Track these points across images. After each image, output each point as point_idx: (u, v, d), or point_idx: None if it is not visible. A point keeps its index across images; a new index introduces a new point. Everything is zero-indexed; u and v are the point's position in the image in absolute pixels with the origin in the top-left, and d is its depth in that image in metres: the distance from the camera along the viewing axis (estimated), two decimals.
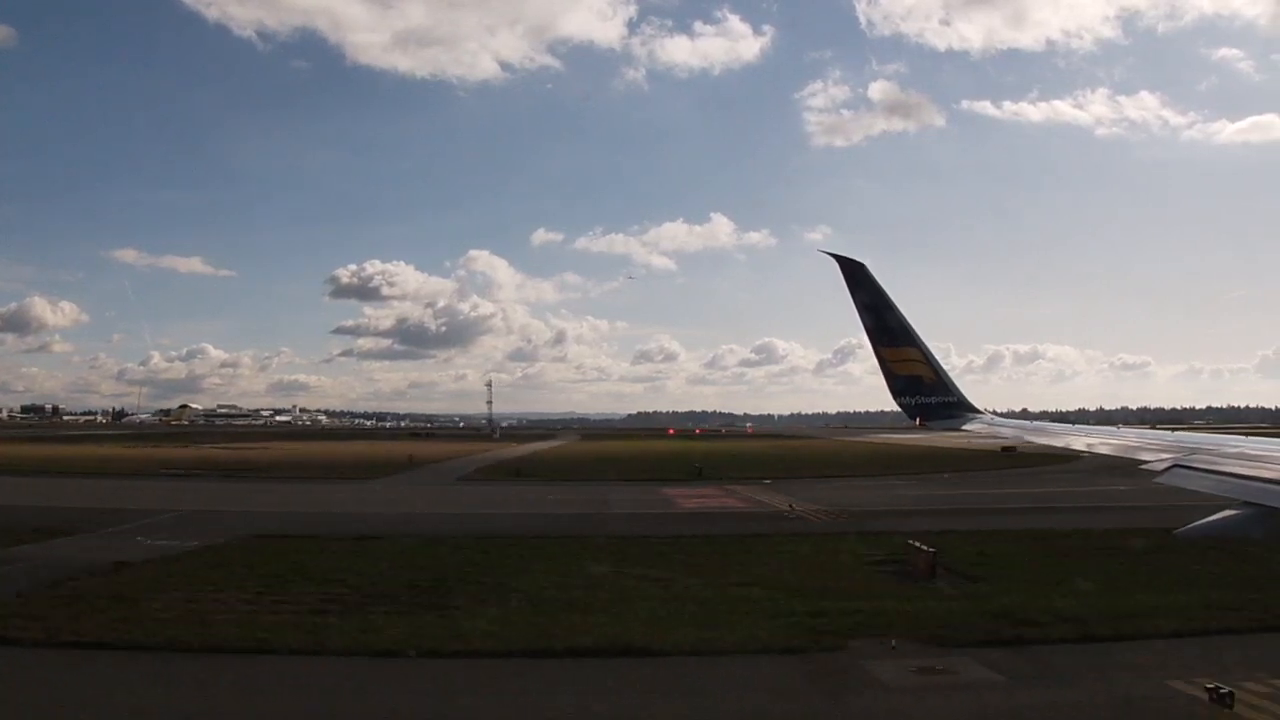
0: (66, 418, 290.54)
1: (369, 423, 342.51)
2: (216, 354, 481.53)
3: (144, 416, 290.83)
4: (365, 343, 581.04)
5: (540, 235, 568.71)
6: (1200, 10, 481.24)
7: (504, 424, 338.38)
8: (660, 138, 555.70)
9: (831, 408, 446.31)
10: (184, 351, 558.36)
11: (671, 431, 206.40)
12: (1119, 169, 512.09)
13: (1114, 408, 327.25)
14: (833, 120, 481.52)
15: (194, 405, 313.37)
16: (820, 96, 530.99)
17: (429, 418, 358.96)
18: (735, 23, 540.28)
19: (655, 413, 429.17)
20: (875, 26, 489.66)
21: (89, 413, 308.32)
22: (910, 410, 16.46)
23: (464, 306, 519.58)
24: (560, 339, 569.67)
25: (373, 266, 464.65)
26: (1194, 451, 10.93)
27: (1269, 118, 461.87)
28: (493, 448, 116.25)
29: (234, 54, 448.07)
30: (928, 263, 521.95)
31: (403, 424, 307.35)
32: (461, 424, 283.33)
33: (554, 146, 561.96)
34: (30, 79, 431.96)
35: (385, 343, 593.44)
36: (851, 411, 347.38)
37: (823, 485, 57.10)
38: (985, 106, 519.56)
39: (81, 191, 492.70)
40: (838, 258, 15.84)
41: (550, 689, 15.27)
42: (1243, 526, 8.33)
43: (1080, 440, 14.55)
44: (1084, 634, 17.97)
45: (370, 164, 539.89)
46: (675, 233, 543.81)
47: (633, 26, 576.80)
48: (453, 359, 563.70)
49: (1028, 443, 16.85)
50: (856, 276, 15.62)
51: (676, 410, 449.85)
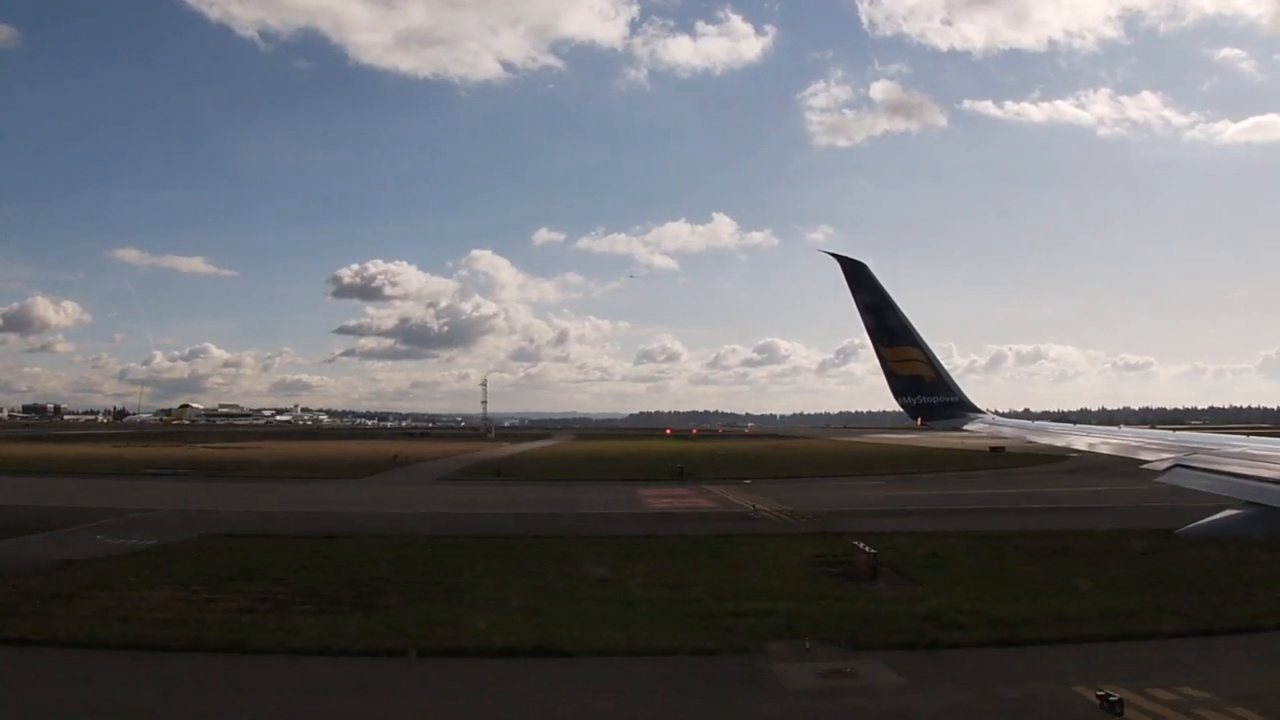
0: (67, 417, 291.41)
1: (370, 422, 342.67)
2: (219, 354, 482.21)
3: (145, 416, 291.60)
4: (368, 342, 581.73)
5: (542, 235, 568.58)
6: (1202, 10, 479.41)
7: (505, 424, 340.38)
8: (662, 138, 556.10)
9: (834, 408, 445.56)
10: (186, 351, 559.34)
11: (668, 431, 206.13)
12: (1121, 169, 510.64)
13: (1116, 408, 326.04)
14: (835, 120, 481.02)
15: (195, 405, 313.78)
16: (822, 96, 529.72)
17: (431, 417, 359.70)
18: (737, 23, 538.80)
19: (657, 413, 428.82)
20: (877, 26, 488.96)
21: (90, 412, 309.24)
22: (912, 410, 16.55)
23: (466, 306, 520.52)
24: (562, 339, 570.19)
25: (375, 266, 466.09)
26: (1195, 451, 10.94)
27: (1271, 118, 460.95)
28: (484, 447, 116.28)
29: (236, 54, 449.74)
30: (930, 263, 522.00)
31: (403, 424, 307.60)
32: (463, 424, 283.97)
33: (556, 146, 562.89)
34: (32, 79, 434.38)
35: (388, 342, 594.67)
36: (854, 411, 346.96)
37: (801, 485, 57.00)
38: (987, 106, 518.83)
39: (83, 191, 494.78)
40: (839, 258, 15.91)
41: (444, 689, 15.23)
42: (1244, 526, 8.37)
43: (1082, 440, 14.54)
44: (1007, 637, 17.78)
45: (372, 164, 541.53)
46: (677, 232, 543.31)
47: (634, 26, 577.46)
48: (455, 359, 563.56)
49: (1029, 443, 16.83)
50: (858, 277, 15.71)
51: (679, 410, 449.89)
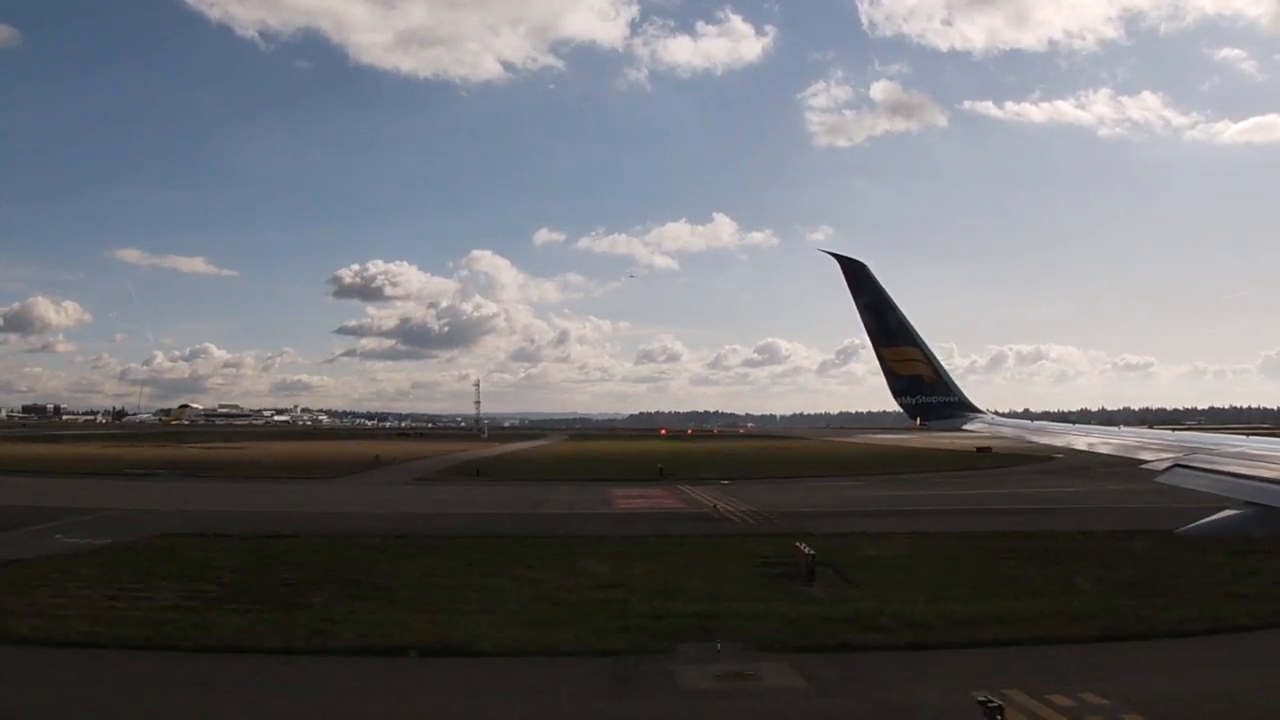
0: (67, 418, 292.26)
1: (369, 423, 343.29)
2: (219, 354, 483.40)
3: (144, 416, 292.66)
4: (368, 343, 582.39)
5: (543, 235, 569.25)
6: (1202, 11, 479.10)
7: (506, 424, 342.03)
8: (662, 138, 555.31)
9: (834, 408, 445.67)
10: (187, 351, 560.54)
11: (664, 432, 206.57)
12: (1121, 169, 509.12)
13: (1116, 408, 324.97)
14: (835, 120, 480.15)
15: (195, 405, 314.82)
16: (822, 97, 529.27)
17: (431, 418, 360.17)
18: (737, 23, 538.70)
19: (658, 413, 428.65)
20: (877, 27, 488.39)
21: (90, 413, 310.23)
22: (911, 410, 16.44)
23: (467, 307, 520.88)
24: (563, 339, 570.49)
25: (375, 266, 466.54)
26: (1195, 451, 10.85)
27: (1271, 118, 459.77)
28: (474, 448, 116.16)
29: (237, 54, 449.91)
30: (930, 263, 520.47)
31: (402, 424, 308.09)
32: (463, 424, 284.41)
33: (556, 147, 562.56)
34: (32, 79, 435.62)
35: (388, 343, 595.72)
36: (854, 412, 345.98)
37: (779, 486, 56.87)
38: (988, 107, 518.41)
39: (84, 191, 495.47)
40: (839, 257, 15.81)
41: (333, 686, 15.22)
42: (1243, 526, 8.30)
43: (1081, 440, 14.46)
44: (927, 640, 17.52)
45: (373, 164, 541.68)
46: (678, 233, 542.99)
47: (635, 27, 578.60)
48: (456, 359, 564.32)
49: (1030, 443, 16.71)
50: (857, 276, 15.62)
51: (679, 410, 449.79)
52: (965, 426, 16.26)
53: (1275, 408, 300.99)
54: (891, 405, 16.84)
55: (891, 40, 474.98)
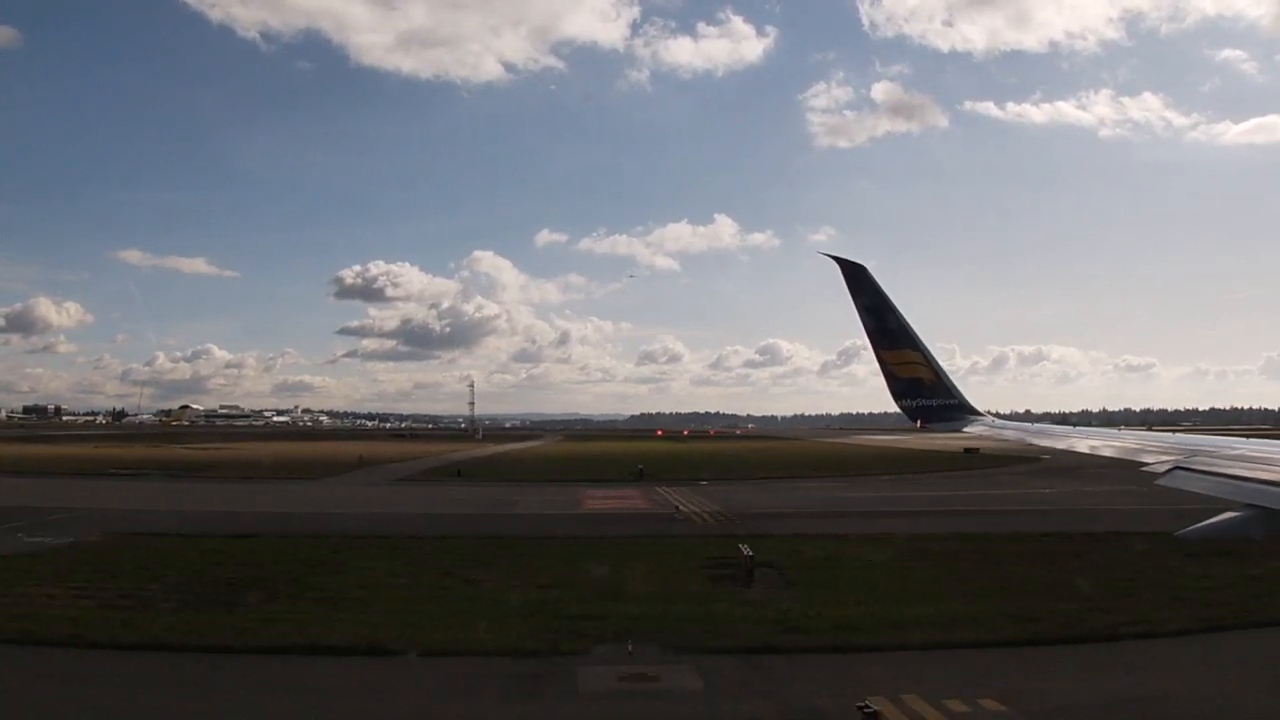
0: (67, 418, 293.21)
1: (370, 424, 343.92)
2: (221, 355, 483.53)
3: (145, 417, 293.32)
4: (370, 344, 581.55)
5: (544, 236, 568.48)
6: (1203, 11, 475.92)
7: (508, 425, 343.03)
8: (663, 139, 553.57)
9: (835, 409, 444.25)
10: (189, 352, 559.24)
11: (660, 433, 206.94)
12: (1123, 170, 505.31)
13: (1118, 409, 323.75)
14: (836, 121, 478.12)
15: (195, 406, 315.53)
16: (823, 97, 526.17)
17: (433, 418, 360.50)
18: (738, 24, 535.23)
19: (659, 414, 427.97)
20: (878, 28, 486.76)
21: (91, 413, 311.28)
22: (911, 412, 16.49)
23: (468, 307, 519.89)
24: (564, 340, 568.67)
25: (377, 267, 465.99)
26: (1195, 454, 10.88)
27: (1272, 119, 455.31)
28: (466, 448, 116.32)
29: (238, 55, 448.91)
30: (932, 264, 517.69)
31: (402, 425, 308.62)
32: (463, 425, 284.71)
33: (558, 148, 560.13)
34: (33, 79, 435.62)
35: (390, 344, 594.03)
36: (855, 413, 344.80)
37: (755, 486, 56.96)
38: (989, 108, 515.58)
39: (85, 192, 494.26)
40: (839, 260, 15.83)
41: (237, 685, 15.31)
42: (1243, 528, 8.34)
43: (1083, 443, 14.48)
44: (848, 643, 17.45)
45: (374, 165, 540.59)
46: (679, 234, 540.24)
47: (636, 28, 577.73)
48: (457, 360, 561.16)
49: (1030, 445, 16.81)
50: (857, 279, 15.67)
51: (681, 411, 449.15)
52: (966, 429, 16.33)
53: (1277, 409, 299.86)
54: (894, 407, 16.94)
55: (892, 41, 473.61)
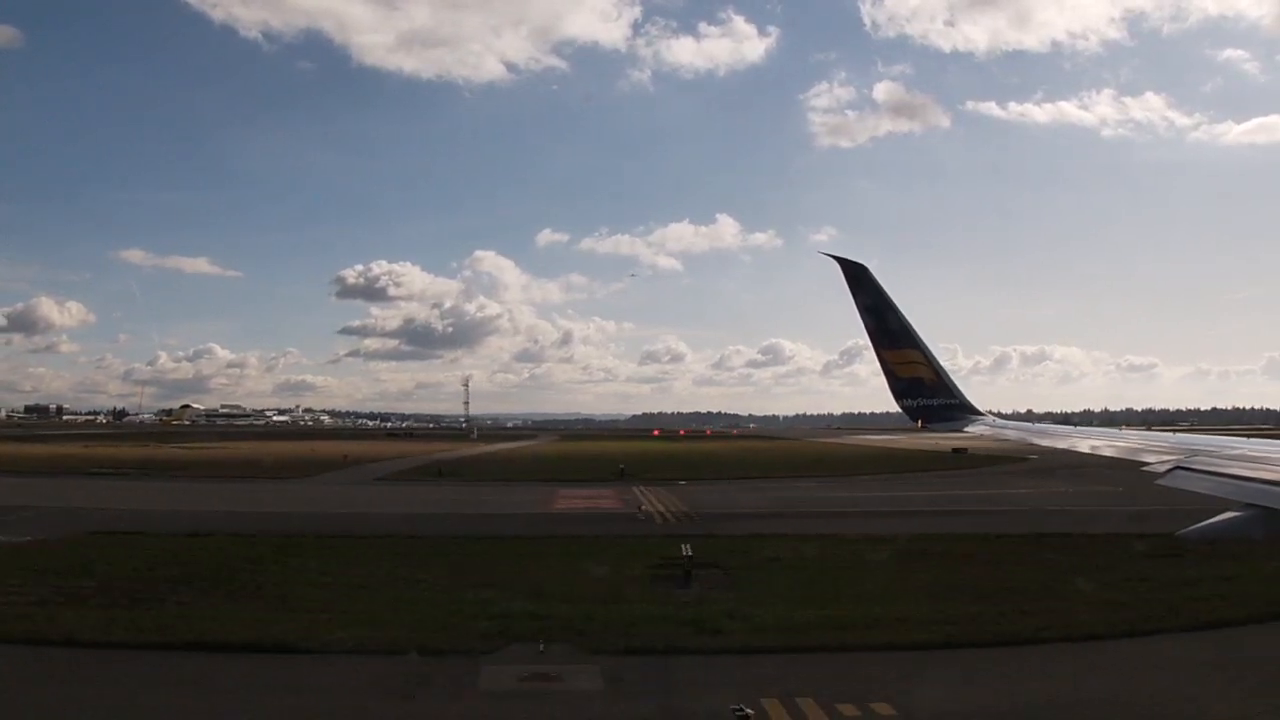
0: (68, 418, 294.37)
1: (371, 423, 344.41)
2: (223, 354, 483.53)
3: (146, 416, 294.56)
4: (372, 343, 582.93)
5: (546, 236, 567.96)
6: (1205, 11, 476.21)
7: (509, 424, 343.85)
8: (665, 139, 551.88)
9: (838, 409, 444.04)
10: (191, 352, 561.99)
11: (656, 433, 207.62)
12: (1125, 170, 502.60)
13: (1120, 409, 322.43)
14: (837, 121, 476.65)
15: (196, 405, 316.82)
16: (825, 97, 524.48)
17: (434, 418, 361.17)
18: (740, 24, 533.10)
19: (661, 414, 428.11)
20: (880, 28, 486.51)
21: (92, 413, 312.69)
22: (912, 412, 16.45)
23: (470, 307, 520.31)
24: (567, 340, 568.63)
25: (379, 267, 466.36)
26: (1196, 453, 10.86)
27: (1274, 119, 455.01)
28: (458, 448, 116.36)
29: (240, 55, 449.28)
30: (934, 264, 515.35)
31: (404, 425, 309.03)
32: (465, 424, 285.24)
33: (559, 147, 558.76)
34: (35, 79, 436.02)
35: (392, 343, 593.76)
36: (857, 413, 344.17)
37: (733, 486, 56.93)
38: (990, 108, 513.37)
39: (87, 192, 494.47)
40: (839, 260, 15.79)
41: (135, 681, 15.36)
42: (1243, 528, 8.32)
43: (1084, 443, 14.45)
44: (759, 645, 17.28)
45: (376, 165, 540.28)
46: (681, 233, 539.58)
47: (637, 27, 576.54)
48: (459, 359, 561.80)
49: (1031, 445, 16.74)
50: (858, 278, 15.64)
51: (683, 411, 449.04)
52: (967, 429, 16.28)
53: (1279, 409, 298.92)
54: (896, 407, 16.88)
55: (894, 41, 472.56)
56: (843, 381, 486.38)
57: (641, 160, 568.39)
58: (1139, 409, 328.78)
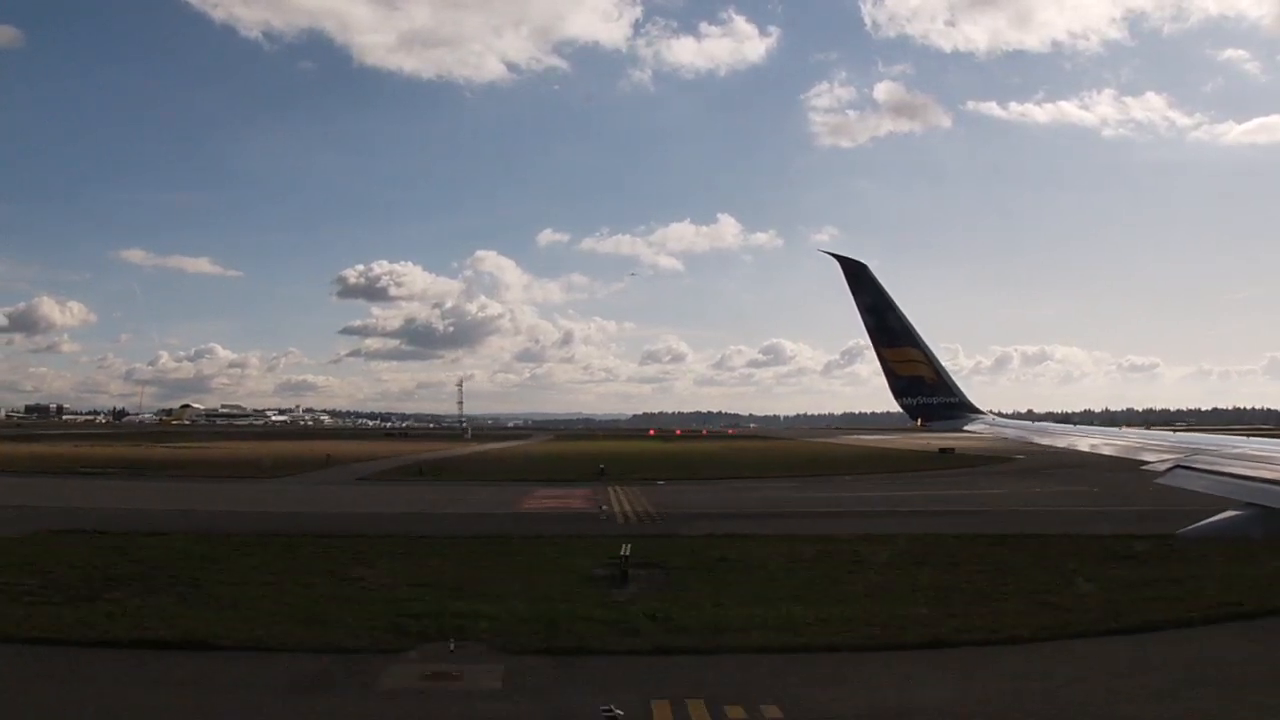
0: (68, 418, 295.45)
1: (371, 423, 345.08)
2: (224, 354, 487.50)
3: (146, 416, 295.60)
4: (373, 343, 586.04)
5: (547, 236, 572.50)
6: (1206, 11, 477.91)
7: (510, 424, 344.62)
8: (666, 138, 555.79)
9: (839, 408, 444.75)
10: (192, 351, 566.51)
11: (652, 432, 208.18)
12: (1125, 170, 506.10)
13: (1121, 409, 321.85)
14: (838, 121, 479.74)
15: (196, 405, 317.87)
16: (826, 97, 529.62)
17: (435, 418, 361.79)
18: (741, 24, 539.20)
19: (661, 413, 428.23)
20: (881, 28, 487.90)
21: (93, 412, 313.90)
22: (912, 411, 16.49)
23: (471, 307, 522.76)
24: (568, 339, 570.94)
25: (380, 267, 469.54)
26: (1197, 452, 10.86)
27: (1275, 119, 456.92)
28: (450, 448, 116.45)
29: (241, 55, 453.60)
30: (934, 263, 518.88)
31: (403, 425, 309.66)
32: (464, 424, 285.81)
33: (560, 147, 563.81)
34: (36, 79, 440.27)
35: (393, 343, 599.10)
36: (858, 412, 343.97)
37: (710, 486, 56.88)
38: (991, 108, 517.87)
39: (88, 192, 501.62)
40: (839, 258, 15.79)
41: (39, 677, 15.42)
42: (1243, 527, 8.34)
43: (1084, 441, 14.43)
44: (673, 645, 17.16)
45: (377, 165, 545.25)
46: (682, 233, 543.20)
47: (638, 27, 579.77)
48: (460, 359, 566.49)
49: (1031, 444, 16.65)
50: (858, 277, 15.64)
51: (683, 411, 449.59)
52: (966, 428, 16.26)
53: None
54: (896, 406, 16.89)
55: (895, 41, 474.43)
56: (844, 381, 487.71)
57: (642, 160, 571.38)
58: (1140, 409, 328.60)
